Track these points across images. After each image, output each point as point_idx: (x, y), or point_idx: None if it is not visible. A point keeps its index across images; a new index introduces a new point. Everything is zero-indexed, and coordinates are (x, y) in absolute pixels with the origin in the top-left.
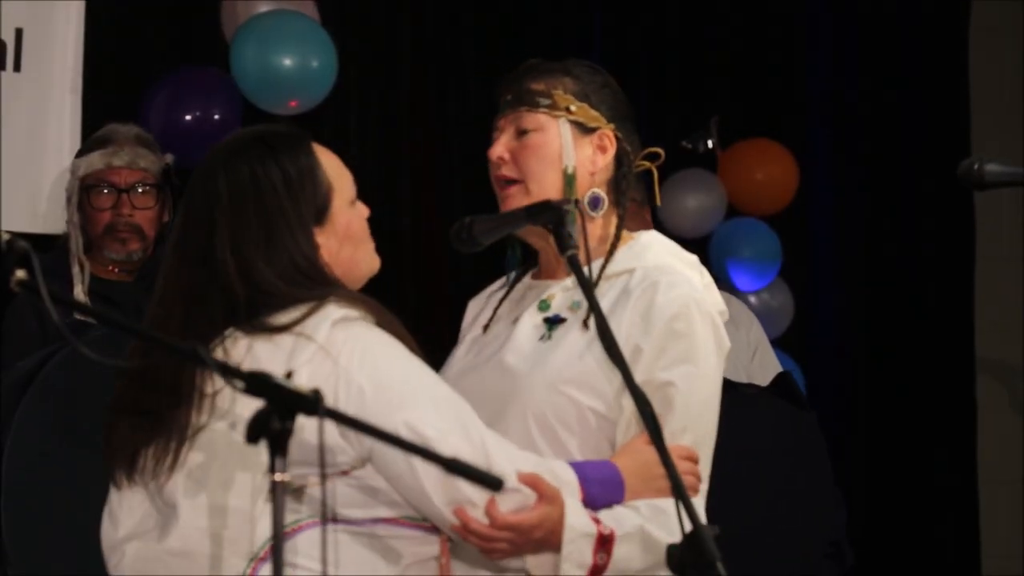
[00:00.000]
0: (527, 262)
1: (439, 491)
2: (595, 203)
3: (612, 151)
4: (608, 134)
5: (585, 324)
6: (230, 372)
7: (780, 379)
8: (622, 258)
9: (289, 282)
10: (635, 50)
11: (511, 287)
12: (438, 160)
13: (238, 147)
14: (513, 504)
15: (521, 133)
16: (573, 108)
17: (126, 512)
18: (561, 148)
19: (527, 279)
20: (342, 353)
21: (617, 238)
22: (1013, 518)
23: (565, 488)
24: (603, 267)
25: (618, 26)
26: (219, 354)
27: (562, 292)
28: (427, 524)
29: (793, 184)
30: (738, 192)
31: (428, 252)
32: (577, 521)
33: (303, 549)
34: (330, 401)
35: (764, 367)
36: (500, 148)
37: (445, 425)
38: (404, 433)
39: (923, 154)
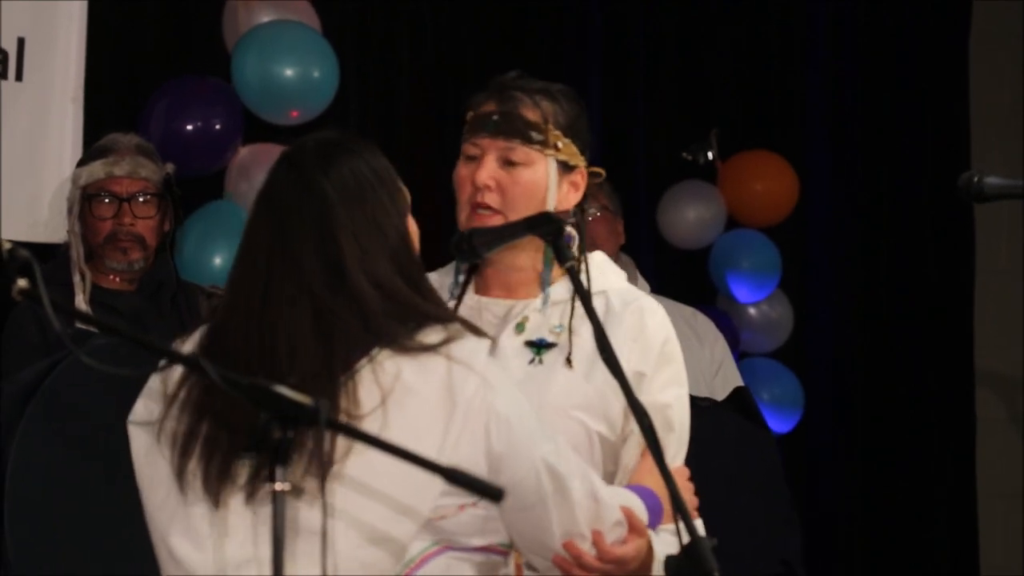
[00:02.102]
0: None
1: (563, 524)
2: (567, 241)
3: (582, 189)
4: (583, 171)
5: (568, 361)
6: (231, 382)
7: (736, 394)
8: (586, 278)
9: (411, 287)
10: (635, 62)
11: (458, 301)
12: (438, 170)
13: (323, 151)
14: (615, 537)
15: (509, 163)
16: (560, 145)
17: (220, 532)
18: (547, 187)
19: (473, 296)
20: (496, 385)
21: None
22: (1012, 532)
23: (644, 519)
24: (576, 291)
25: (618, 38)
26: (367, 375)
27: (535, 314)
28: (507, 550)
29: (793, 196)
30: (738, 204)
31: (428, 263)
32: (662, 552)
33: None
34: (482, 432)
35: (726, 383)
36: (486, 176)
37: (570, 465)
38: (541, 469)
39: (923, 166)
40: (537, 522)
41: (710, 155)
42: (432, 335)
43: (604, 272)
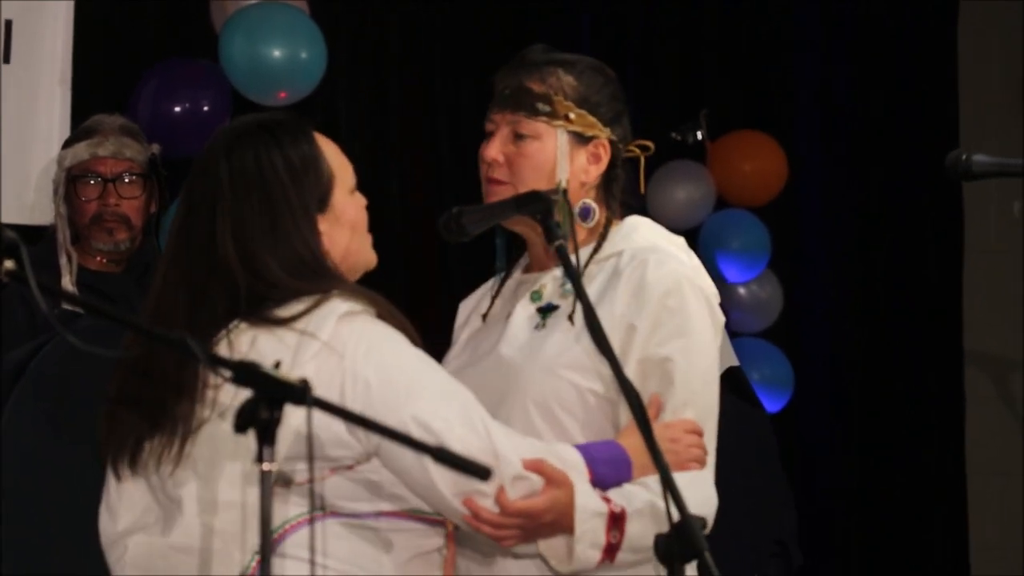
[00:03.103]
0: (513, 253)
1: (448, 482)
2: (586, 214)
3: (606, 160)
4: (604, 143)
5: (571, 319)
6: (218, 362)
7: (731, 374)
8: (608, 243)
9: (292, 273)
10: (625, 42)
11: (503, 282)
12: (427, 152)
13: (240, 134)
14: (522, 491)
15: (517, 137)
16: (572, 116)
17: (126, 505)
18: (556, 159)
19: (517, 274)
20: (347, 347)
21: (606, 229)
22: (1001, 510)
23: (572, 470)
24: (592, 255)
25: (608, 18)
26: (224, 346)
27: (552, 281)
28: (430, 517)
29: (782, 176)
30: (727, 184)
31: (417, 243)
32: (587, 502)
33: (307, 542)
34: (336, 396)
35: (721, 361)
36: (494, 150)
37: (452, 416)
38: (412, 426)
39: (911, 145)
40: (423, 482)
41: (699, 135)
42: (295, 307)
43: (632, 233)
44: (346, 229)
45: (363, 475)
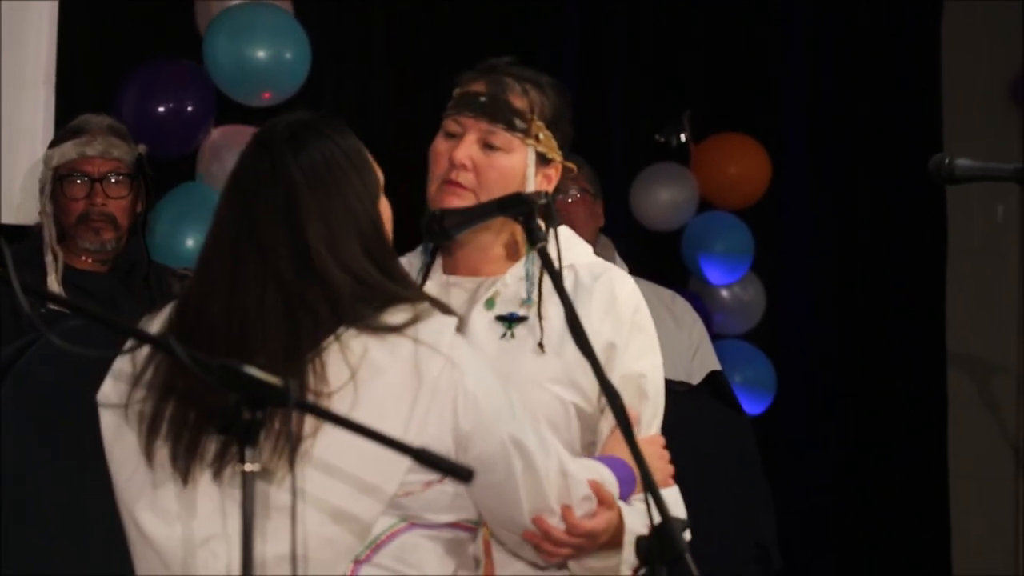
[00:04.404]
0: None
1: (531, 498)
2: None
3: (555, 182)
4: (558, 166)
5: (540, 346)
6: (199, 363)
7: (712, 377)
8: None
9: (383, 272)
10: (609, 43)
11: (423, 281)
12: (411, 153)
13: (295, 133)
14: (586, 510)
15: (488, 147)
16: (541, 137)
17: (188, 508)
18: (524, 175)
19: (440, 275)
20: (464, 364)
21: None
22: (983, 513)
23: (614, 491)
24: (542, 268)
25: (592, 20)
26: (335, 353)
27: (504, 289)
28: (470, 526)
29: (766, 178)
30: (710, 186)
31: (400, 244)
32: (633, 524)
33: (396, 553)
34: (449, 408)
35: (703, 366)
36: (464, 155)
37: (533, 436)
38: (510, 446)
39: (895, 148)
40: (506, 498)
41: (683, 137)
42: (398, 315)
43: (571, 246)
44: (387, 227)
45: (450, 487)
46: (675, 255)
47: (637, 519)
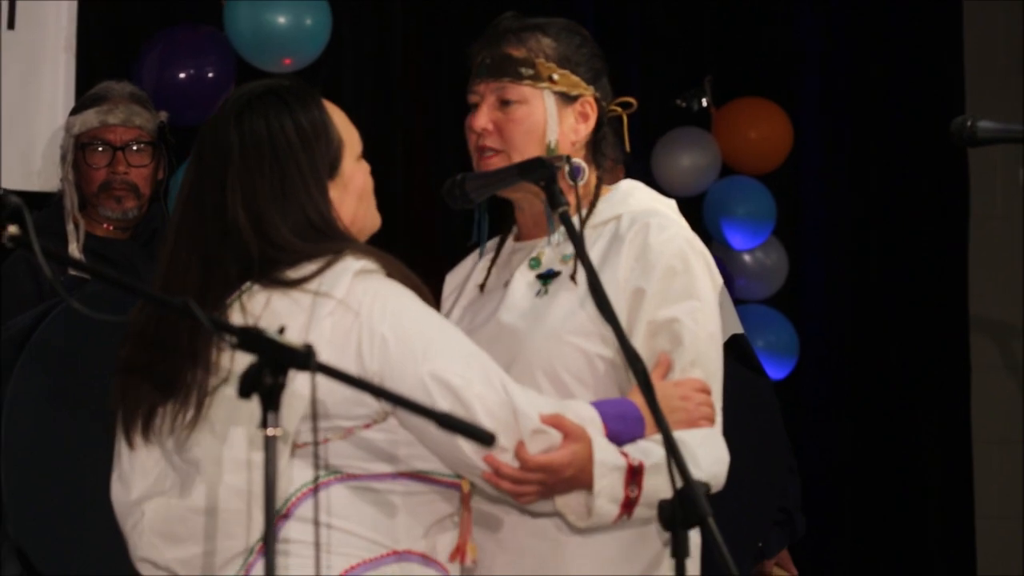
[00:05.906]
0: (495, 228)
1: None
2: (576, 173)
3: (593, 118)
4: (590, 101)
5: (573, 278)
6: (223, 327)
7: (735, 341)
8: (605, 207)
9: (303, 236)
10: (629, 9)
11: (498, 250)
12: (431, 119)
13: (249, 100)
14: (541, 445)
15: (504, 103)
16: (556, 77)
17: (139, 473)
18: (546, 122)
19: (510, 243)
20: (363, 305)
21: (598, 190)
22: (1006, 478)
23: (588, 425)
24: (585, 218)
25: None
26: (236, 309)
27: (551, 248)
28: (443, 479)
29: (787, 143)
30: (732, 151)
31: (420, 210)
32: (606, 456)
33: (322, 506)
34: (353, 353)
35: (726, 330)
36: (483, 119)
37: (470, 373)
38: (430, 383)
39: (917, 112)
40: (443, 440)
41: (704, 102)
42: (304, 269)
43: (628, 197)
44: (354, 196)
45: (379, 434)
46: (697, 220)
47: (611, 452)
